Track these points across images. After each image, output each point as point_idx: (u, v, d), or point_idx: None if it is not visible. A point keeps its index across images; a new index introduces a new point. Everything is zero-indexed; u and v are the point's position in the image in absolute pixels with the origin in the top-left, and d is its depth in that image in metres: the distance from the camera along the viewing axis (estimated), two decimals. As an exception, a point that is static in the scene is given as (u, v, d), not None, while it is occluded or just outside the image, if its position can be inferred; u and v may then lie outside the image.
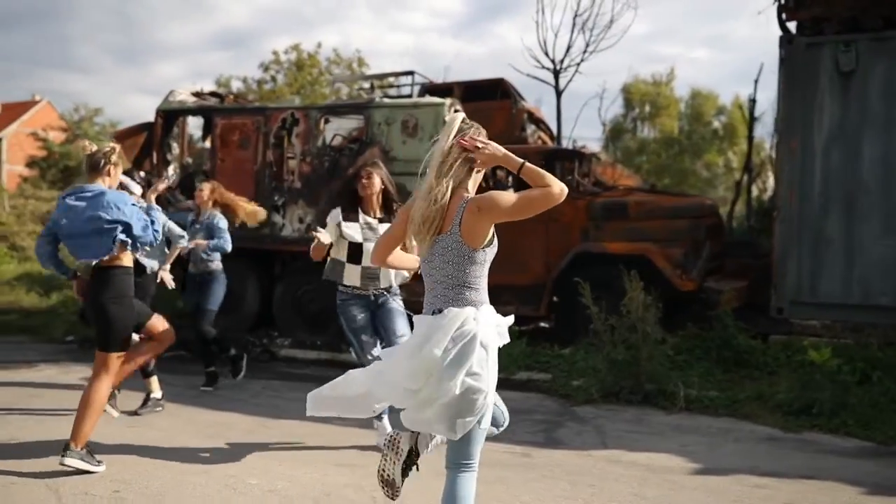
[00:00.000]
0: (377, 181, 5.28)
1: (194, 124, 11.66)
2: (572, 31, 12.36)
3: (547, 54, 12.67)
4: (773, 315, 8.10)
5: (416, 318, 3.10)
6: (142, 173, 7.04)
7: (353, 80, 18.29)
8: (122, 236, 4.57)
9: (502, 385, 7.83)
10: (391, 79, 13.54)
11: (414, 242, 3.27)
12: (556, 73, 12.72)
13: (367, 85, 14.73)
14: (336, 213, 5.28)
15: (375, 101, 9.36)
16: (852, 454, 5.58)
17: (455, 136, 3.07)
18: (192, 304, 7.45)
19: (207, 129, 10.44)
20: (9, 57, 72.10)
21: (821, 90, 7.92)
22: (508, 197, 2.98)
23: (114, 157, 4.77)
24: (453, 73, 17.40)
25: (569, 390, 7.28)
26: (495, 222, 3.06)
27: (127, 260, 4.75)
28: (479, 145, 3.01)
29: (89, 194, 4.61)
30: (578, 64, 12.61)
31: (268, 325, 9.87)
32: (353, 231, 5.21)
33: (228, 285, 7.50)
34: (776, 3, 8.55)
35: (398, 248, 3.45)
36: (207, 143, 10.92)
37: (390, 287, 5.32)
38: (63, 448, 4.55)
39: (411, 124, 9.03)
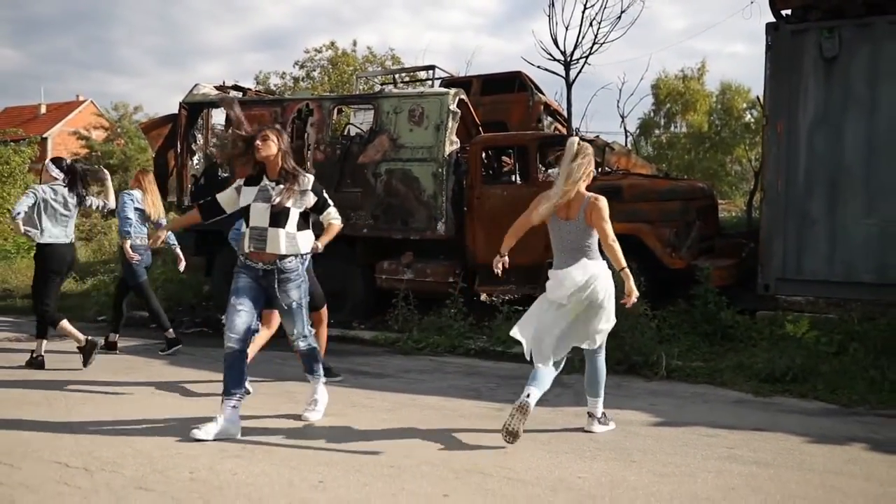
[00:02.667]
0: (272, 145, 5.10)
1: (220, 117, 12.28)
2: (581, 24, 12.67)
3: (557, 46, 13.02)
4: (760, 292, 8.43)
5: (556, 272, 4.92)
6: (68, 160, 7.56)
7: (379, 74, 18.81)
8: None
9: (500, 357, 8.34)
10: (420, 73, 14.03)
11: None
12: (567, 66, 13.06)
13: (391, 79, 15.26)
14: (240, 180, 5.36)
15: (384, 92, 9.87)
16: (812, 413, 5.93)
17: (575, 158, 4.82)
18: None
19: (228, 121, 11.02)
20: (54, 59, 74.08)
21: (805, 75, 8.22)
22: (607, 213, 4.80)
23: None
24: (490, 69, 17.82)
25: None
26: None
27: None
28: None
29: None
30: (587, 56, 12.91)
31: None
32: (247, 195, 5.16)
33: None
34: (768, -7, 8.87)
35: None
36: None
37: (282, 259, 5.09)
38: None
39: (417, 113, 9.51)
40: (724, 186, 30.42)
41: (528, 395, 4.75)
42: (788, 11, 8.73)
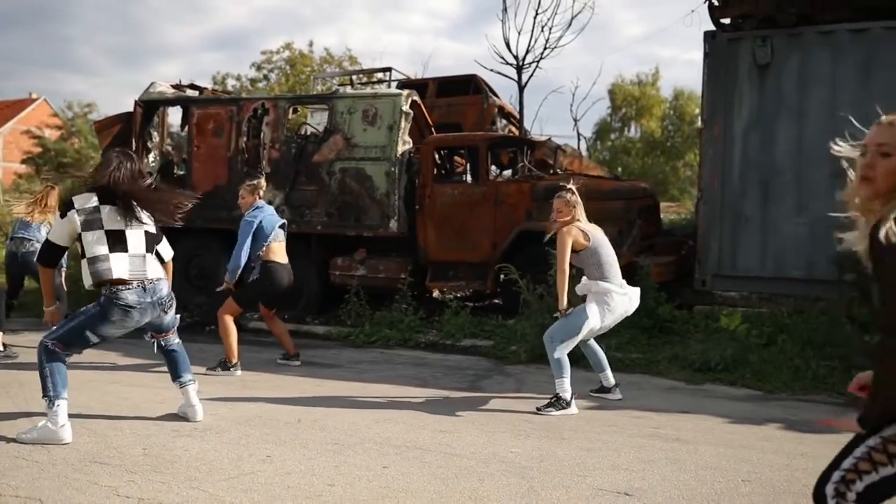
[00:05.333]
0: None
1: (176, 116, 12.42)
2: (532, 29, 13.09)
3: (510, 50, 13.42)
4: (697, 287, 8.84)
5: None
6: None
7: (337, 75, 19.04)
8: None
9: (448, 350, 8.62)
10: (378, 75, 14.27)
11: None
12: (519, 69, 13.46)
13: (348, 80, 15.48)
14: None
15: (339, 93, 10.10)
16: (738, 399, 6.31)
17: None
18: None
19: (185, 119, 11.16)
20: (7, 57, 72.83)
21: (740, 81, 8.65)
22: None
23: None
24: (450, 72, 18.10)
25: (506, 354, 8.00)
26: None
27: None
28: None
29: None
30: (538, 61, 13.34)
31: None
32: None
33: None
34: (707, 2, 9.29)
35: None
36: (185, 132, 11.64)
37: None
38: None
39: (371, 113, 9.76)
40: (675, 190, 31.10)
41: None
42: (728, 20, 9.17)
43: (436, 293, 10.85)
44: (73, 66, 79.62)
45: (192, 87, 11.69)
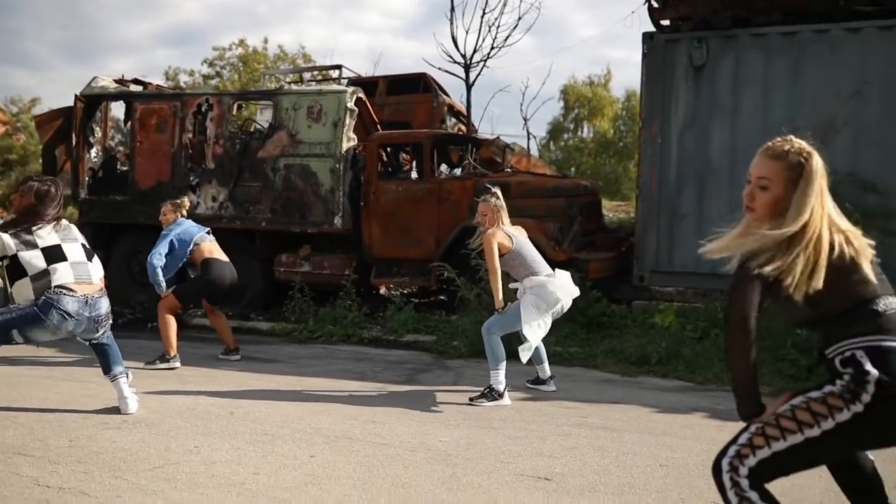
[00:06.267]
0: None
1: (120, 110, 12.27)
2: (480, 29, 13.21)
3: (458, 49, 13.54)
4: (635, 283, 9.02)
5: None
6: None
7: (287, 73, 18.97)
8: None
9: (391, 345, 8.69)
10: (329, 73, 14.28)
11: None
12: (467, 68, 13.57)
13: (299, 77, 15.46)
14: None
15: (283, 89, 10.10)
16: (668, 390, 6.47)
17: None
18: None
19: (128, 114, 11.05)
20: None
21: (677, 82, 8.84)
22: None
23: None
24: (405, 70, 18.16)
25: (447, 349, 8.07)
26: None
27: None
28: None
29: None
30: (485, 60, 13.47)
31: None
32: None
33: None
34: (646, 4, 9.48)
35: None
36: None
37: None
38: None
39: (316, 110, 9.78)
40: (627, 190, 31.52)
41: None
42: (667, 22, 9.37)
43: (382, 290, 10.90)
44: (20, 61, 77.80)
45: (136, 81, 11.57)
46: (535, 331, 5.76)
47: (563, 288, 6.00)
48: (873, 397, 2.29)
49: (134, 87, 11.24)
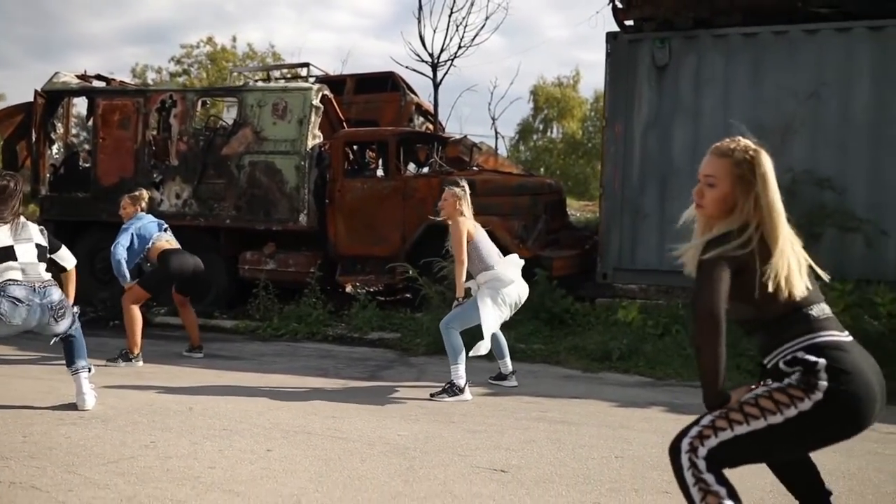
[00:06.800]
0: None
1: (82, 106, 12.12)
2: (447, 28, 13.24)
3: (425, 48, 13.55)
4: (599, 280, 9.09)
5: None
6: None
7: (255, 70, 18.87)
8: None
9: (356, 342, 8.67)
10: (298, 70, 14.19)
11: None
12: (434, 67, 13.59)
13: (266, 75, 15.37)
14: None
15: (248, 85, 10.05)
16: (628, 385, 6.54)
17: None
18: None
19: (90, 110, 10.93)
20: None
21: (640, 81, 8.93)
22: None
23: None
24: (373, 70, 18.03)
25: (411, 346, 8.09)
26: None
27: None
28: None
29: None
30: (452, 59, 13.51)
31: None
32: None
33: None
34: (611, 4, 9.57)
35: None
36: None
37: None
38: None
39: (281, 107, 9.75)
40: (595, 190, 31.74)
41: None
42: (631, 22, 9.46)
43: (348, 288, 10.88)
44: (-16, 58, 76.56)
45: (99, 77, 11.46)
46: (494, 324, 5.79)
47: (517, 281, 6.05)
48: (829, 388, 2.35)
49: (97, 84, 11.12)
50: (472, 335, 6.32)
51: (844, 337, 2.47)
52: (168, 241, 7.30)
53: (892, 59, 8.04)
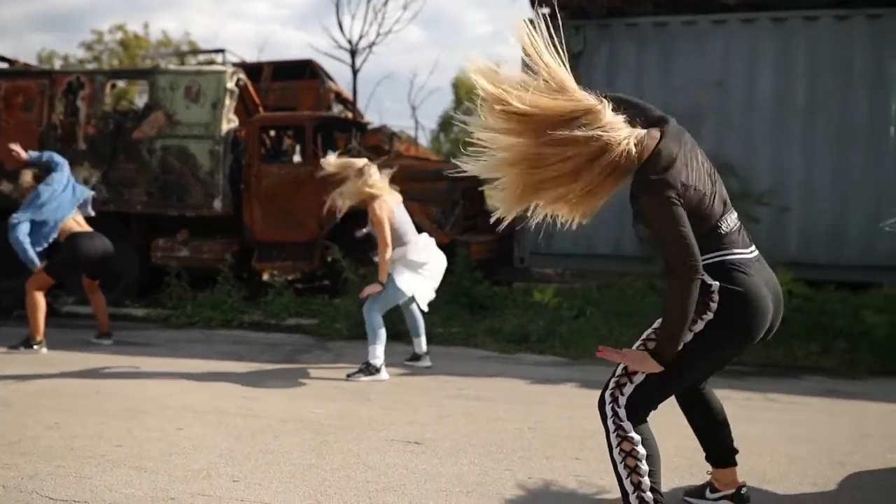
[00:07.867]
0: None
1: None
2: (366, 15, 13.19)
3: (343, 34, 13.47)
4: (516, 265, 9.22)
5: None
6: None
7: (169, 56, 18.41)
8: None
9: (272, 329, 8.55)
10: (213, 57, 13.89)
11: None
12: (353, 54, 13.52)
13: (179, 60, 15.01)
14: None
15: (160, 68, 9.80)
16: (544, 364, 6.65)
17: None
18: None
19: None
20: None
21: (555, 69, 9.06)
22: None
23: None
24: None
25: (329, 331, 8.03)
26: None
27: None
28: None
29: None
30: (370, 47, 13.47)
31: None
32: None
33: None
34: (527, -8, 9.69)
35: None
36: None
37: None
38: None
39: (194, 90, 9.52)
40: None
41: None
42: (546, 10, 9.59)
43: (266, 275, 10.73)
44: None
45: (2, 59, 11.00)
46: (423, 290, 5.83)
47: (439, 255, 6.09)
48: (719, 305, 2.49)
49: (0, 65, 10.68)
50: (394, 320, 6.38)
51: (747, 254, 2.60)
52: (74, 220, 7.03)
53: (794, 49, 8.38)
